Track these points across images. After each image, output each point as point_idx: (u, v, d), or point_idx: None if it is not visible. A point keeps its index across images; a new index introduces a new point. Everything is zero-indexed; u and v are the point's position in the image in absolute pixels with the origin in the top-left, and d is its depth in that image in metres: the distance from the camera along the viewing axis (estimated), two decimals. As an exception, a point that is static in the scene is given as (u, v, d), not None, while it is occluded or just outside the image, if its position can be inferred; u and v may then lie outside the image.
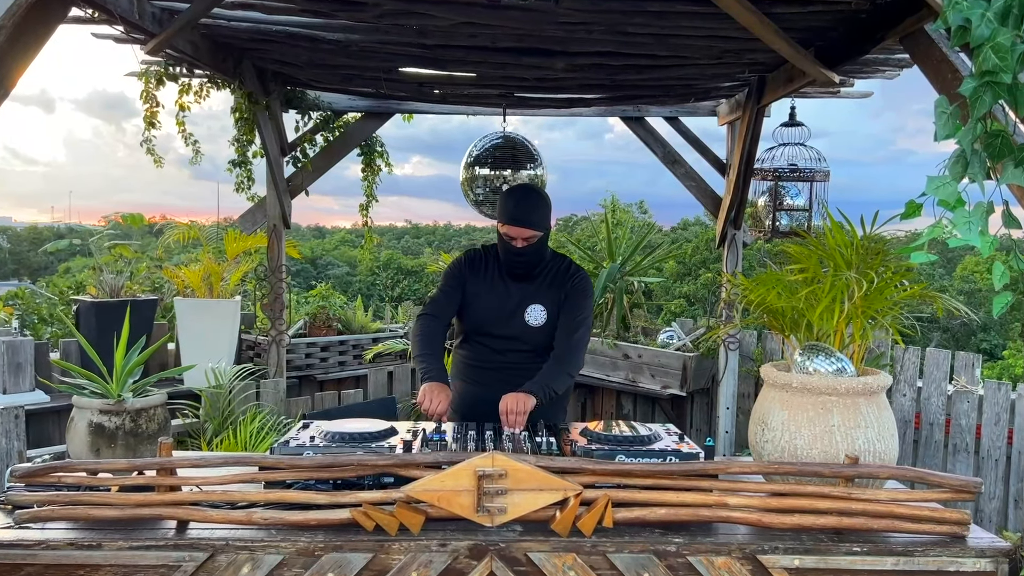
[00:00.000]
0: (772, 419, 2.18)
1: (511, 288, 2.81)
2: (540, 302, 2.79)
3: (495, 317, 2.80)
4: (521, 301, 2.80)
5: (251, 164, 4.46)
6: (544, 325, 2.79)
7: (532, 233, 2.70)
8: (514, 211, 2.71)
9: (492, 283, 2.82)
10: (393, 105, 4.51)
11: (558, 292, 2.80)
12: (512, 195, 2.80)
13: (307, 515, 1.84)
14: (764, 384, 2.29)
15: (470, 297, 2.82)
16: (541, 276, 2.82)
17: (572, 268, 2.88)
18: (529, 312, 2.78)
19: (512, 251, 2.73)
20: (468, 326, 2.88)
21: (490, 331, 2.83)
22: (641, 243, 5.55)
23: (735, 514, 1.89)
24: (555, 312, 2.79)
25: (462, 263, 2.87)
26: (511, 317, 2.79)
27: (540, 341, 2.81)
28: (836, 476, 1.92)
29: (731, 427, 4.69)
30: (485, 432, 2.41)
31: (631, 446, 2.28)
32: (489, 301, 2.81)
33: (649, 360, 5.00)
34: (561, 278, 2.82)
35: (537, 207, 2.77)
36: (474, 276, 2.82)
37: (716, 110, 4.66)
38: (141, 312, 4.62)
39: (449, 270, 2.90)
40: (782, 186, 4.07)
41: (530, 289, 2.80)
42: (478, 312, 2.82)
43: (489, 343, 2.84)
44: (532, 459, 1.87)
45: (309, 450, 2.11)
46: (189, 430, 3.67)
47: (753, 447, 2.28)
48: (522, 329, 2.79)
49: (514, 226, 2.69)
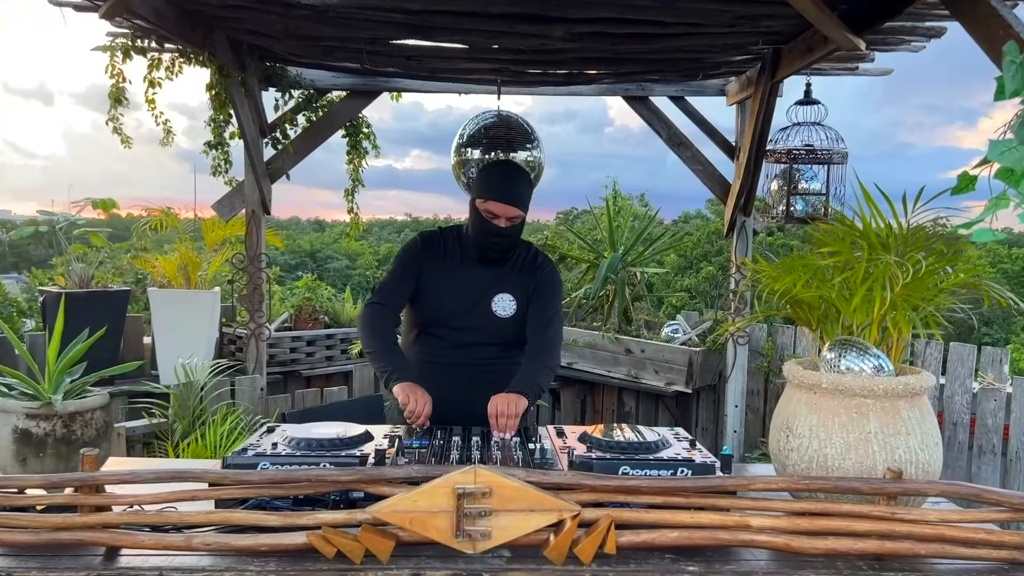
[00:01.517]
0: (798, 425, 1.90)
1: (476, 274, 2.52)
2: (509, 291, 2.51)
3: (458, 306, 2.51)
4: (488, 289, 2.51)
5: (228, 146, 4.17)
6: (513, 316, 2.52)
7: (517, 213, 2.44)
8: (502, 186, 2.44)
9: (454, 268, 2.52)
10: (380, 83, 4.22)
11: (527, 282, 2.54)
12: (498, 169, 2.55)
13: (257, 539, 1.57)
14: (788, 384, 2.01)
15: (427, 284, 2.52)
16: (510, 262, 2.56)
17: (540, 257, 2.62)
18: (497, 302, 2.50)
19: (493, 231, 2.44)
20: (424, 318, 2.56)
21: (451, 323, 2.52)
22: (643, 233, 5.27)
23: (759, 537, 1.61)
24: (524, 303, 2.53)
25: (417, 245, 2.57)
26: (476, 307, 2.50)
27: (508, 335, 2.54)
28: (877, 493, 1.64)
29: (740, 426, 4.41)
30: (472, 438, 2.13)
31: (636, 455, 2.00)
32: (451, 288, 2.51)
33: (653, 355, 4.73)
34: (530, 267, 2.56)
35: (525, 184, 2.52)
36: (432, 261, 2.53)
37: (725, 89, 4.37)
38: (112, 303, 4.35)
39: (402, 253, 2.59)
40: (797, 169, 3.78)
41: (498, 276, 2.52)
42: (438, 301, 2.52)
43: (450, 336, 2.53)
44: (522, 473, 1.59)
45: (266, 460, 1.84)
46: (156, 431, 3.39)
47: (775, 456, 2.00)
48: (489, 320, 2.50)
49: (501, 203, 2.41)
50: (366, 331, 2.46)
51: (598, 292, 4.98)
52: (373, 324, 2.44)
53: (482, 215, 2.44)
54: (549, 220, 15.11)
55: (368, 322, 2.45)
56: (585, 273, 5.29)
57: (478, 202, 2.46)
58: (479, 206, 2.45)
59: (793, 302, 2.04)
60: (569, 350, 5.13)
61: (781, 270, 1.97)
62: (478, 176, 2.56)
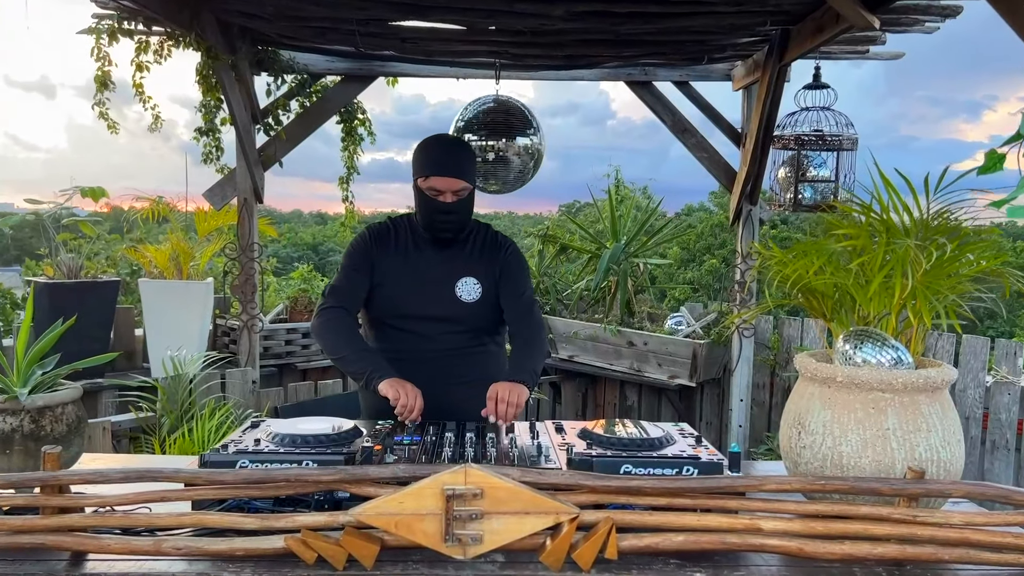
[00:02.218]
0: (811, 420, 1.79)
1: (434, 261, 2.38)
2: (472, 275, 2.38)
3: (419, 296, 2.36)
4: (449, 274, 2.37)
5: (219, 132, 4.07)
6: (479, 301, 2.37)
7: (463, 185, 2.30)
8: (442, 159, 2.31)
9: (410, 257, 2.39)
10: (376, 67, 4.09)
11: (490, 265, 2.40)
12: (436, 143, 2.39)
13: (232, 543, 1.46)
14: (800, 378, 1.90)
15: (382, 277, 2.37)
16: (468, 244, 2.42)
17: (500, 237, 2.48)
18: (461, 286, 2.36)
19: (439, 208, 2.30)
20: (383, 312, 2.40)
21: (414, 312, 2.36)
22: (646, 223, 5.15)
23: (771, 541, 1.50)
24: (491, 287, 2.39)
25: (366, 239, 2.41)
26: (439, 294, 2.36)
27: (477, 320, 2.40)
28: (898, 495, 1.53)
29: (745, 421, 4.30)
30: (466, 434, 2.02)
31: (638, 453, 1.89)
32: (409, 278, 2.36)
33: (656, 348, 4.62)
34: (491, 249, 2.43)
35: (467, 156, 2.39)
36: (384, 252, 2.38)
37: (731, 73, 4.24)
38: (102, 294, 4.25)
39: (351, 250, 2.42)
40: (805, 155, 3.66)
41: (459, 260, 2.39)
42: (396, 292, 2.36)
43: (415, 328, 2.36)
44: (516, 473, 1.48)
45: (246, 458, 1.73)
46: (144, 426, 3.29)
47: (786, 453, 1.89)
48: (454, 307, 2.36)
49: (443, 176, 2.28)
50: (329, 337, 2.29)
51: (600, 284, 4.87)
52: (336, 328, 2.28)
53: (426, 194, 2.30)
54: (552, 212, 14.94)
55: (329, 328, 2.29)
56: (586, 264, 5.17)
57: (420, 181, 2.31)
58: (422, 185, 2.31)
59: (805, 290, 1.92)
60: (570, 343, 5.02)
61: (792, 256, 1.85)
62: (415, 154, 2.38)
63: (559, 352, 5.11)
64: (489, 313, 2.40)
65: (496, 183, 3.78)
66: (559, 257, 5.35)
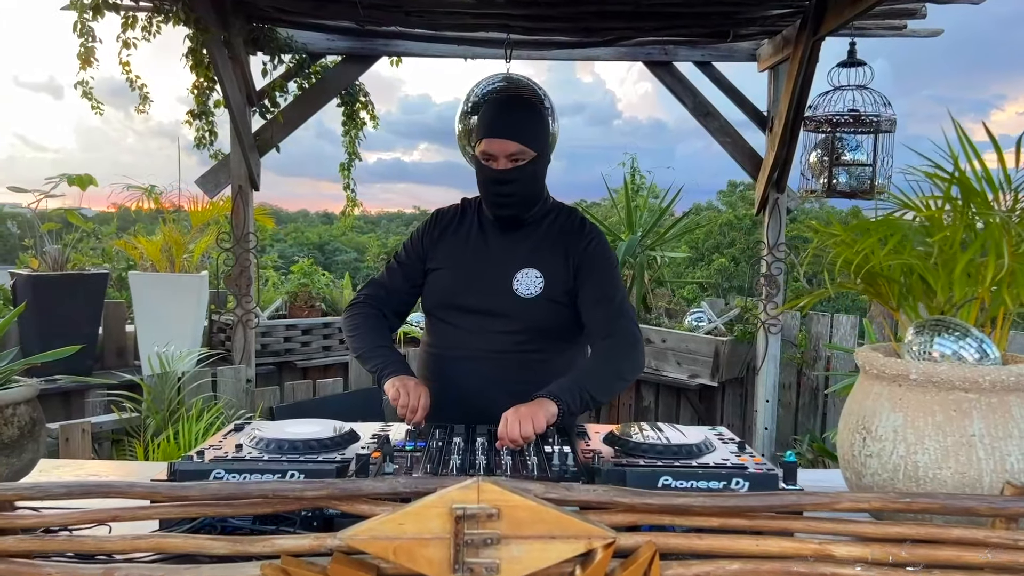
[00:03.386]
0: (878, 425, 1.54)
1: (496, 246, 2.05)
2: (535, 265, 2.01)
3: (470, 284, 2.03)
4: (508, 262, 2.02)
5: (213, 115, 3.83)
6: (539, 297, 1.99)
7: (519, 148, 1.92)
8: (495, 117, 1.96)
9: (468, 240, 2.08)
10: (379, 46, 3.85)
11: (564, 256, 2.02)
12: (492, 101, 2.06)
13: (199, 572, 1.21)
14: (863, 376, 1.64)
15: (439, 262, 2.08)
16: (541, 229, 2.06)
17: (587, 226, 2.08)
18: (520, 278, 2.00)
19: (492, 178, 1.95)
20: (431, 303, 2.11)
21: (463, 304, 2.03)
22: (663, 214, 4.89)
23: (845, 571, 1.25)
24: (557, 282, 2.01)
25: (428, 222, 2.14)
26: (493, 284, 2.01)
27: (535, 319, 2.01)
28: (996, 515, 1.27)
29: (772, 423, 4.04)
30: (476, 439, 1.77)
31: (676, 461, 1.65)
32: (463, 263, 2.05)
33: (675, 345, 4.36)
34: (569, 237, 2.04)
35: (528, 115, 2.00)
36: (445, 236, 2.10)
37: (756, 53, 3.98)
38: (89, 287, 4.02)
39: (411, 235, 2.17)
40: (839, 138, 3.40)
41: (523, 247, 2.03)
42: (447, 280, 2.06)
43: (461, 322, 2.03)
44: (539, 489, 1.23)
45: (222, 468, 1.49)
46: (127, 427, 3.05)
47: (847, 463, 1.63)
48: (508, 301, 1.99)
49: (495, 138, 1.93)
50: (350, 329, 2.06)
51: (615, 277, 4.62)
52: (357, 324, 2.05)
53: (481, 162, 1.98)
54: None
55: (351, 324, 2.06)
56: (601, 257, 4.92)
57: (476, 147, 2.01)
58: (476, 151, 2.00)
59: (869, 275, 1.66)
60: (583, 340, 4.77)
61: (856, 233, 1.59)
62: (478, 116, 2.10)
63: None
64: (552, 313, 2.01)
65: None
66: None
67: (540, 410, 1.76)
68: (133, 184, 4.51)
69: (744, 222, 19.14)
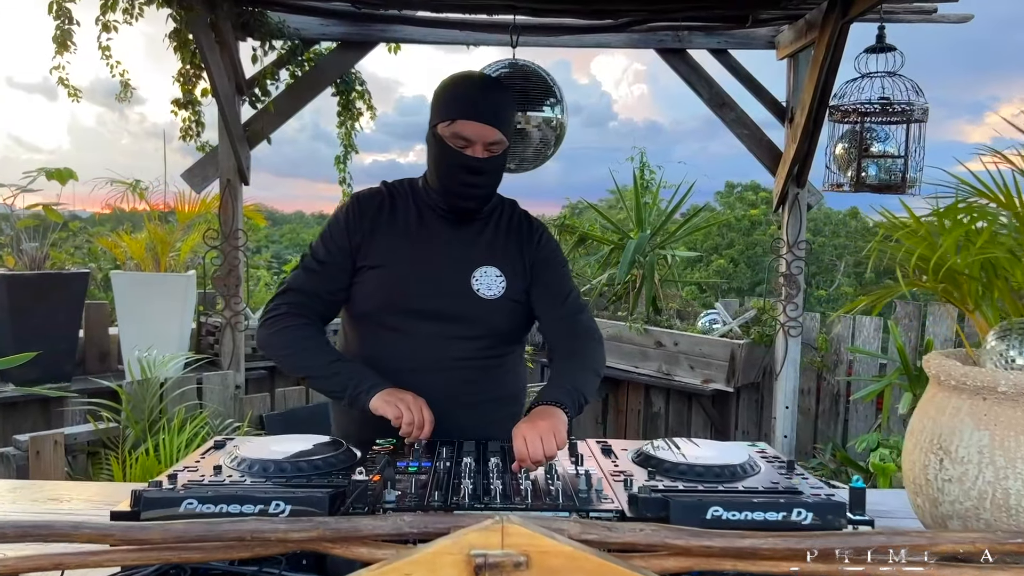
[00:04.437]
0: (959, 445, 1.32)
1: (446, 240, 1.80)
2: (493, 262, 1.79)
3: (424, 285, 1.75)
4: (464, 259, 1.78)
5: (200, 105, 3.61)
6: (502, 298, 1.78)
7: (499, 138, 1.72)
8: (476, 99, 1.71)
9: (411, 232, 1.79)
10: (376, 31, 3.63)
11: (518, 254, 1.83)
12: (467, 80, 1.77)
13: (160, 631, 0.99)
14: (937, 387, 1.43)
15: (373, 260, 1.77)
16: (491, 224, 1.84)
17: (533, 219, 1.89)
18: (479, 278, 1.78)
19: (466, 165, 1.71)
20: (369, 308, 1.78)
21: (415, 307, 1.74)
22: (676, 210, 4.68)
23: (943, 628, 1.03)
24: (517, 283, 1.81)
25: (349, 212, 1.80)
26: (450, 285, 1.76)
27: (496, 323, 1.80)
28: (1124, 558, 1.06)
29: (791, 431, 3.83)
30: (489, 459, 1.55)
31: (721, 486, 1.43)
32: (410, 260, 1.77)
33: (687, 349, 4.15)
34: (520, 234, 1.85)
35: (508, 103, 1.80)
36: (376, 229, 1.79)
37: (775, 40, 3.78)
38: (68, 287, 3.79)
39: (325, 230, 1.82)
40: (868, 128, 3.19)
41: (478, 242, 1.81)
42: (391, 280, 1.76)
43: (410, 329, 1.74)
44: (574, 528, 1.02)
45: (193, 498, 1.26)
46: (104, 438, 2.82)
47: (918, 487, 1.42)
48: (469, 303, 1.76)
49: (476, 121, 1.69)
50: (284, 346, 1.73)
51: (624, 277, 4.40)
52: (291, 336, 1.72)
53: (448, 145, 1.71)
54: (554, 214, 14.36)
55: (282, 336, 1.73)
56: (608, 256, 4.70)
57: (441, 127, 1.71)
58: (443, 133, 1.71)
59: (947, 274, 1.45)
60: (590, 343, 4.55)
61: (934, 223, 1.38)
62: (437, 95, 1.77)
63: (577, 353, 4.64)
64: (511, 315, 1.82)
65: (512, 160, 3.32)
66: (577, 249, 4.89)
67: (558, 422, 1.56)
68: (118, 179, 4.28)
69: (743, 223, 18.97)
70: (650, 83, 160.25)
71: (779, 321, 3.81)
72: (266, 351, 1.80)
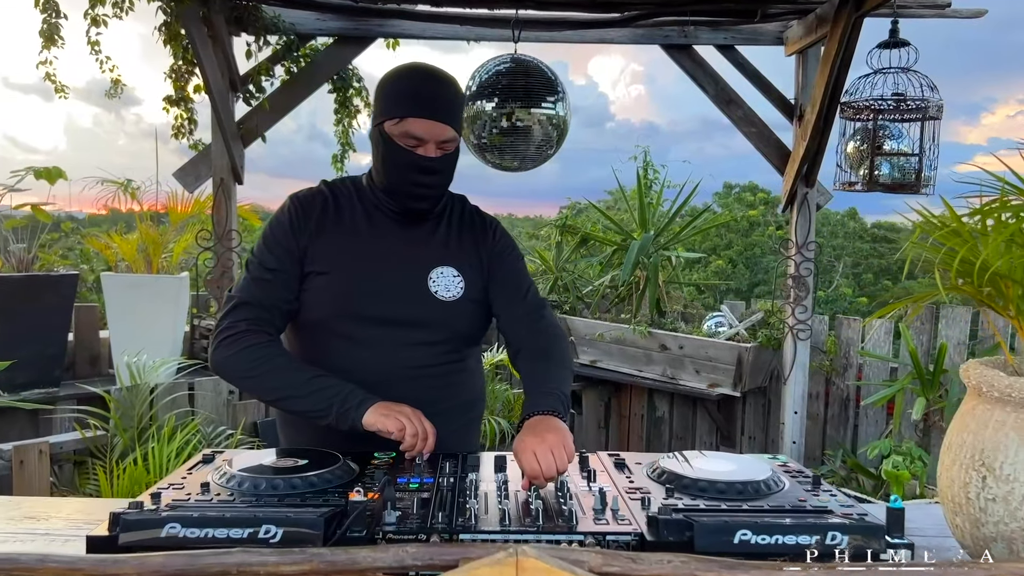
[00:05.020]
0: (1004, 461, 1.23)
1: (397, 240, 1.70)
2: (450, 262, 1.71)
3: (378, 289, 1.66)
4: (420, 260, 1.69)
5: (192, 102, 3.51)
6: (461, 299, 1.69)
7: (451, 135, 1.63)
8: (426, 94, 1.61)
9: (359, 235, 1.69)
10: (374, 27, 3.53)
11: (474, 251, 1.74)
12: (414, 74, 1.65)
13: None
14: (975, 398, 1.33)
15: (319, 266, 1.66)
16: (444, 222, 1.76)
17: (483, 214, 1.82)
18: (435, 279, 1.69)
19: (418, 165, 1.61)
20: (319, 317, 1.67)
21: (370, 313, 1.64)
22: (680, 209, 4.58)
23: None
24: (475, 282, 1.72)
25: (291, 216, 1.67)
26: (406, 288, 1.67)
27: (460, 326, 1.72)
28: None
29: (800, 437, 3.73)
30: (496, 474, 1.45)
31: (743, 502, 1.34)
32: (361, 264, 1.67)
33: (693, 352, 4.05)
34: (473, 230, 1.77)
35: (458, 98, 1.68)
36: (322, 231, 1.68)
37: (784, 36, 3.68)
38: (57, 289, 3.68)
39: (265, 237, 1.68)
40: (882, 125, 3.10)
41: (432, 242, 1.72)
42: (343, 286, 1.65)
43: (366, 336, 1.65)
44: (595, 560, 0.92)
45: (176, 522, 1.16)
46: (92, 447, 2.71)
47: (957, 506, 1.32)
48: (428, 307, 1.67)
49: (426, 119, 1.59)
50: (250, 366, 1.57)
51: (628, 279, 4.30)
52: (257, 354, 1.57)
53: (397, 144, 1.61)
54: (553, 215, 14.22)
55: (245, 355, 1.57)
56: (611, 257, 4.61)
57: (389, 124, 1.61)
58: (391, 131, 1.61)
59: (991, 278, 1.35)
60: (593, 346, 4.46)
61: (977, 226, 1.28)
62: (380, 90, 1.66)
63: (579, 357, 4.54)
64: (472, 317, 1.73)
65: (514, 158, 3.22)
66: (579, 250, 4.79)
67: (564, 434, 1.45)
68: (109, 179, 4.17)
69: (741, 224, 18.88)
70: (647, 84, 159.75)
71: (787, 324, 3.72)
72: (225, 374, 1.65)
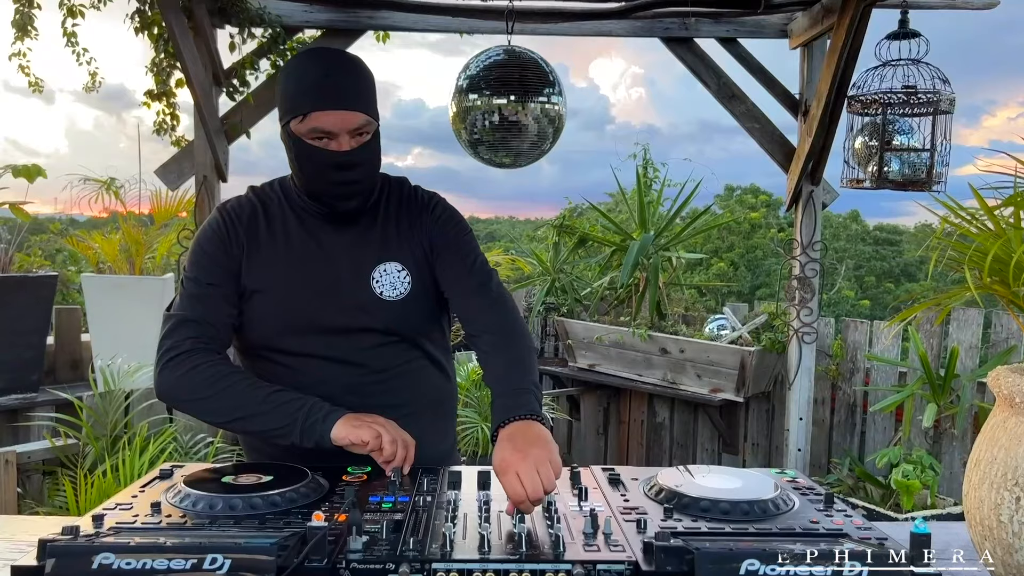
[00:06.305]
0: (1042, 481, 1.10)
1: (329, 242, 1.56)
2: (392, 257, 1.57)
3: (316, 298, 1.54)
4: (356, 260, 1.56)
5: (175, 97, 3.39)
6: (409, 296, 1.56)
7: (365, 120, 1.48)
8: (325, 83, 1.45)
9: (291, 242, 1.56)
10: (364, 18, 3.41)
11: (416, 238, 1.59)
12: (310, 61, 1.50)
13: None
14: (1005, 409, 1.20)
15: (255, 282, 1.54)
16: (376, 210, 1.60)
17: (423, 192, 1.65)
18: (379, 277, 1.55)
19: (332, 162, 1.47)
20: (260, 335, 1.56)
21: (310, 326, 1.53)
22: (681, 209, 4.46)
23: None
24: (423, 272, 1.59)
25: (219, 228, 1.55)
26: (348, 290, 1.54)
27: (411, 324, 1.59)
28: None
29: (805, 444, 3.60)
30: (477, 493, 1.32)
31: (750, 524, 1.21)
32: (296, 274, 1.54)
33: (694, 356, 3.92)
34: (412, 213, 1.61)
35: (365, 78, 1.51)
36: (254, 244, 1.55)
37: (788, 28, 3.56)
38: (35, 291, 3.56)
39: (195, 252, 1.55)
40: (891, 119, 2.97)
41: (368, 237, 1.58)
42: (281, 300, 1.54)
43: (311, 347, 1.53)
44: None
45: (109, 552, 1.03)
46: (63, 456, 2.58)
47: (987, 529, 1.19)
48: (374, 308, 1.54)
49: (331, 109, 1.44)
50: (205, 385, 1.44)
51: (627, 280, 4.17)
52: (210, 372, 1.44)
53: (306, 143, 1.47)
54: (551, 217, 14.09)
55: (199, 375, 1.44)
56: (610, 258, 4.48)
57: (295, 124, 1.47)
58: (298, 129, 1.47)
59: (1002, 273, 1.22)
60: (591, 349, 4.32)
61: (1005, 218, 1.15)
62: (281, 86, 1.52)
63: (577, 361, 4.41)
64: (423, 311, 1.61)
65: (507, 154, 3.09)
66: (577, 251, 4.66)
67: (550, 446, 1.31)
68: (91, 177, 4.05)
69: (743, 226, 18.75)
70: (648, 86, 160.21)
71: (792, 327, 3.58)
72: (173, 399, 1.50)
